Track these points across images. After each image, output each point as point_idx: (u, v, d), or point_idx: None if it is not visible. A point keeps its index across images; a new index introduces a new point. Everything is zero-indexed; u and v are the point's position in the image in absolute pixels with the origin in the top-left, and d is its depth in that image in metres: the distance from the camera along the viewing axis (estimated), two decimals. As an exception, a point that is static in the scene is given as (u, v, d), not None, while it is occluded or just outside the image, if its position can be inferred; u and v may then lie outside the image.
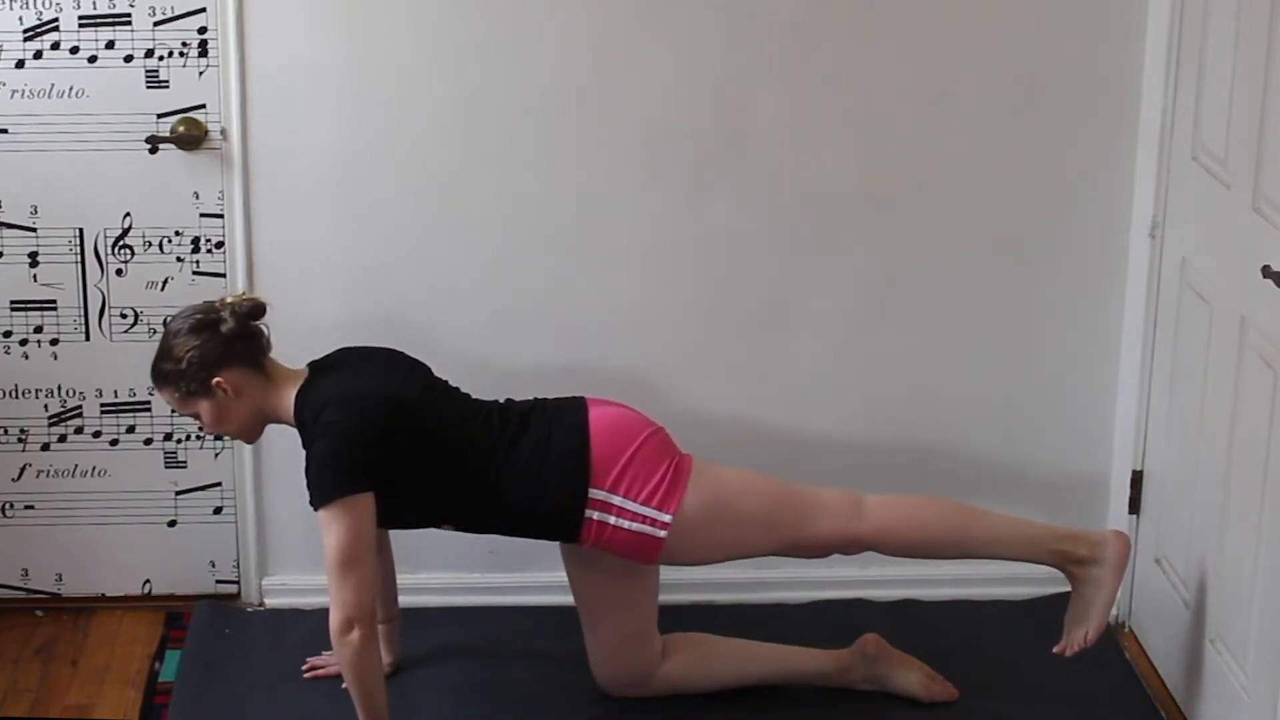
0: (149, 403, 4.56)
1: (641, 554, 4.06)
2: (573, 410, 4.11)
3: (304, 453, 4.06)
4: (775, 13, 4.42)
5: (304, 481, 4.17)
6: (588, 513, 4.02)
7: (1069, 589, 4.73)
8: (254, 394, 4.04)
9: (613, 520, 4.02)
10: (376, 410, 3.98)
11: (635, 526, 4.02)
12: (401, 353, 4.19)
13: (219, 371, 4.00)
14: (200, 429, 4.31)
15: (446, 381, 4.18)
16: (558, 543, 4.18)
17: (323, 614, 4.41)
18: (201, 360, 3.99)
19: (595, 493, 4.02)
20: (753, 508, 4.11)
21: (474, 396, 4.17)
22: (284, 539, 4.68)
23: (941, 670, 4.34)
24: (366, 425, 3.95)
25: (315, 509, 3.94)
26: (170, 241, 4.52)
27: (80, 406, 4.60)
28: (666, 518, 4.02)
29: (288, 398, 4.05)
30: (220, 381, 4.00)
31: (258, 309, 4.06)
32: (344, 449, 3.93)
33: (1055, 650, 4.18)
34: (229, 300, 4.07)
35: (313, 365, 4.12)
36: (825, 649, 4.32)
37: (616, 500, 4.02)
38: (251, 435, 4.14)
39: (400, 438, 3.98)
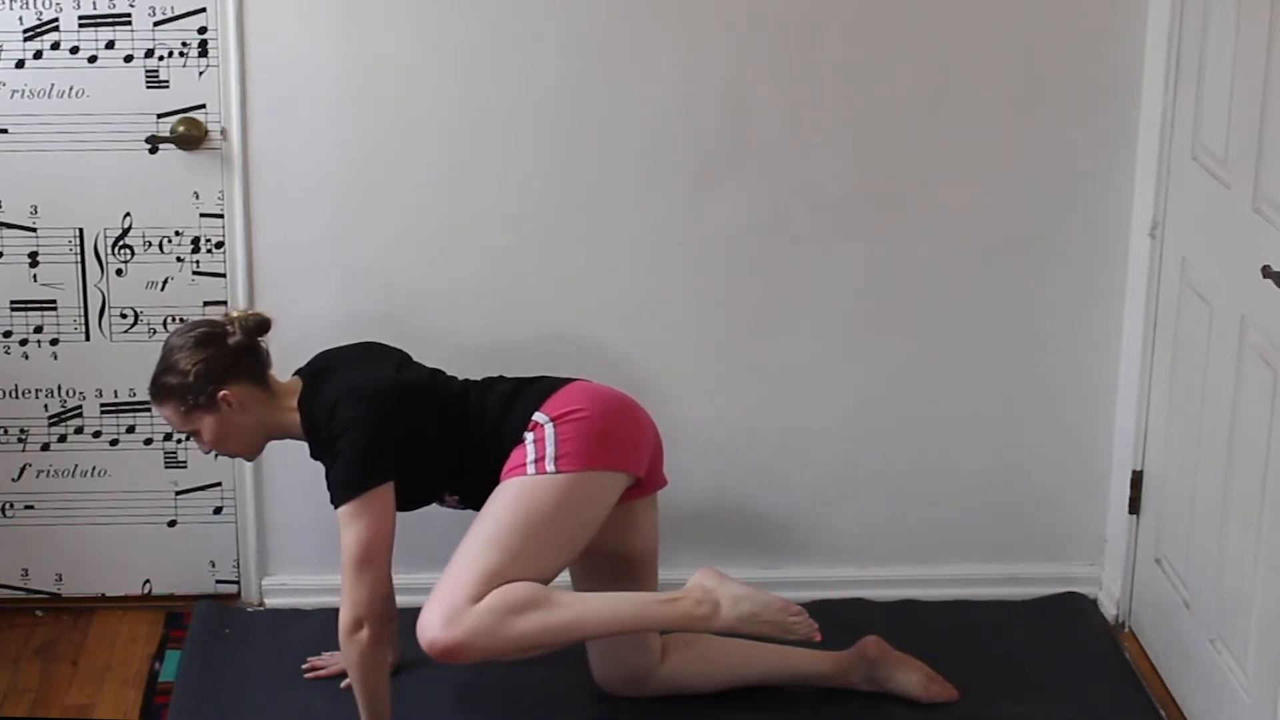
0: (149, 403, 4.55)
1: (506, 471, 3.97)
2: (574, 378, 4.13)
3: (307, 453, 4.07)
4: (776, 13, 4.42)
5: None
6: (525, 434, 3.99)
7: (1069, 590, 4.74)
8: (257, 408, 4.03)
9: (530, 442, 3.97)
10: (388, 398, 4.00)
11: (531, 450, 3.96)
12: (379, 343, 4.21)
13: (226, 384, 3.98)
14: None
15: (429, 367, 4.19)
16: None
17: (323, 614, 4.43)
18: (208, 373, 3.97)
19: (540, 415, 4.00)
20: (526, 547, 3.89)
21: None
22: (284, 539, 4.68)
23: (941, 670, 4.34)
24: (385, 414, 3.97)
25: (338, 505, 3.93)
26: (170, 241, 4.52)
27: (80, 406, 4.60)
28: (551, 467, 3.94)
29: (290, 410, 4.04)
30: (226, 395, 3.98)
31: (264, 323, 4.06)
32: (368, 441, 3.94)
33: None
34: (234, 315, 4.07)
35: (301, 373, 4.12)
36: (825, 650, 4.31)
37: (549, 428, 3.97)
38: (253, 451, 4.13)
39: (415, 421, 4.00)
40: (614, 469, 4.01)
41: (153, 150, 4.46)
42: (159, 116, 4.44)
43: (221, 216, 4.50)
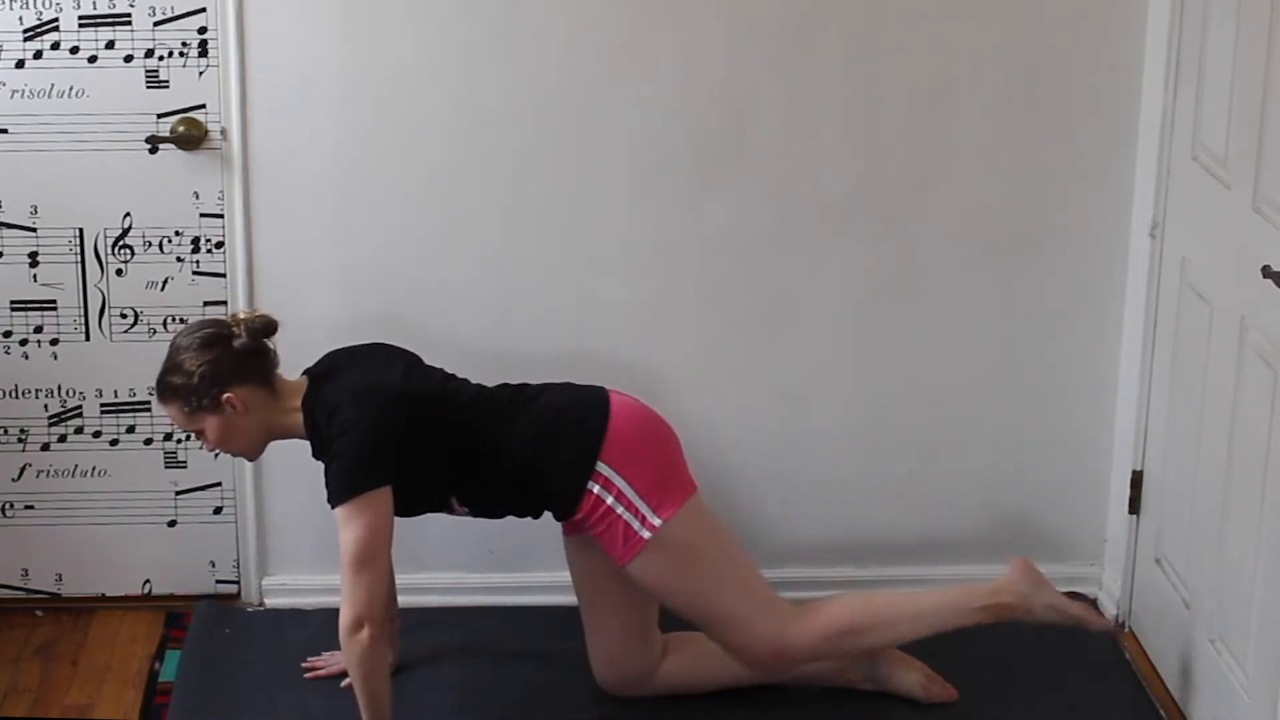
0: (149, 403, 4.56)
1: (620, 548, 4.03)
2: (595, 390, 4.12)
3: (310, 454, 4.07)
4: (776, 13, 4.42)
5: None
6: (590, 484, 4.01)
7: (1069, 590, 4.74)
8: (262, 410, 4.03)
9: (610, 501, 4.01)
10: (390, 401, 3.99)
11: (627, 516, 4.01)
12: (390, 345, 4.20)
13: (230, 387, 3.98)
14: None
15: (441, 369, 4.19)
16: (561, 540, 4.19)
17: (323, 614, 4.43)
18: (214, 375, 3.97)
19: (603, 466, 4.01)
20: (726, 569, 4.09)
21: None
22: (284, 539, 4.68)
23: (941, 670, 4.34)
24: (386, 417, 3.96)
25: (334, 506, 3.93)
26: (170, 241, 4.52)
27: (80, 406, 4.60)
28: (657, 521, 4.01)
29: (294, 410, 4.04)
30: (231, 397, 3.98)
31: (270, 326, 4.05)
32: (366, 443, 3.93)
33: None
34: (241, 316, 4.06)
35: (309, 373, 4.12)
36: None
37: (619, 481, 4.01)
38: (256, 453, 4.13)
39: (417, 425, 3.99)
40: (689, 491, 4.09)
41: (153, 150, 4.46)
42: (159, 116, 4.44)
43: (221, 216, 4.50)
